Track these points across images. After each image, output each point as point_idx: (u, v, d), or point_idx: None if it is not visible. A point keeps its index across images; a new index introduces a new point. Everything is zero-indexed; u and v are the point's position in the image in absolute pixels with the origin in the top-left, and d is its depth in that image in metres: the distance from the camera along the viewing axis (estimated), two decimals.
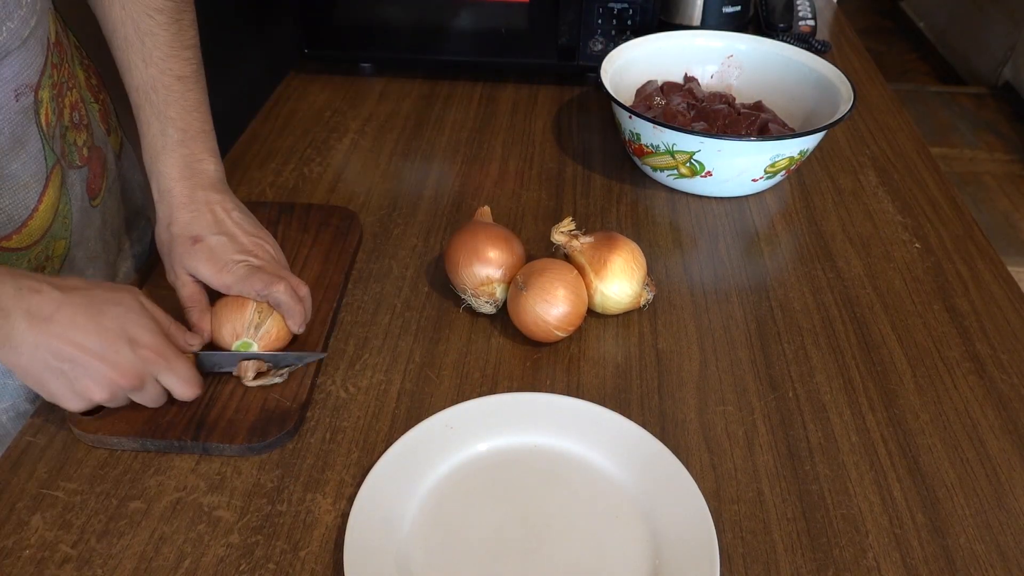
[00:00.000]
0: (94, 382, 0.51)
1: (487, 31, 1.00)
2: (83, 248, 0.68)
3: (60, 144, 0.64)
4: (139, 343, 0.53)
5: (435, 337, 0.66)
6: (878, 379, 0.63)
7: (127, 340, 0.52)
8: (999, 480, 0.55)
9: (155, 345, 0.53)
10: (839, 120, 0.77)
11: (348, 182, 0.85)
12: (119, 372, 0.52)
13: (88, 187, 0.68)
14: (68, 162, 0.65)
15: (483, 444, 0.56)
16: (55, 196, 0.63)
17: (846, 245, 0.77)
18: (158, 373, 0.54)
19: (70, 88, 0.66)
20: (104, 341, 0.51)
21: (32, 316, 0.49)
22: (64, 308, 0.50)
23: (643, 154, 0.82)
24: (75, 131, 0.66)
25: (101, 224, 0.72)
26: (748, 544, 0.51)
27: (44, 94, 0.60)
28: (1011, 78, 2.52)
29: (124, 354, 0.52)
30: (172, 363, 0.54)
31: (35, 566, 0.49)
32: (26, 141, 0.59)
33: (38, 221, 0.62)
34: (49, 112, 0.61)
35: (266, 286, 0.60)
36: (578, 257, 0.66)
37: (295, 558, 0.50)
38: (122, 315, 0.52)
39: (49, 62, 0.61)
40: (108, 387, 0.52)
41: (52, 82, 0.62)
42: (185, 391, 0.56)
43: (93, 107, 0.70)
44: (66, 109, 0.64)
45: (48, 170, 0.62)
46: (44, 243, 0.63)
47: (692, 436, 0.58)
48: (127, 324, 0.52)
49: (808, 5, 1.18)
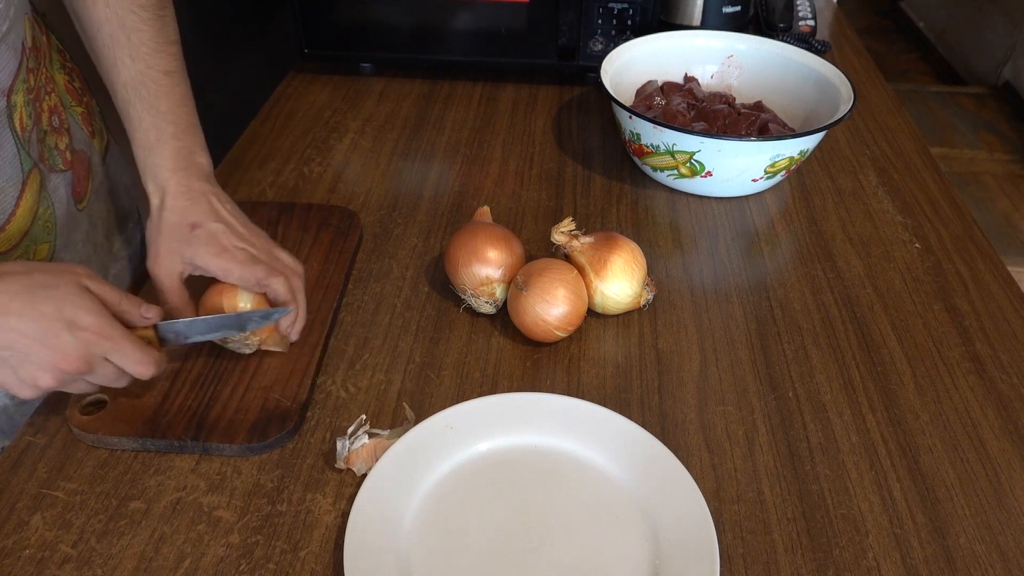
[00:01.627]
0: (37, 367, 0.50)
1: (487, 31, 1.00)
2: (70, 251, 0.68)
3: (38, 148, 0.63)
4: (78, 324, 0.50)
5: (435, 337, 0.66)
6: (878, 379, 0.63)
7: (65, 322, 0.50)
8: (999, 480, 0.55)
9: (96, 325, 0.51)
10: (839, 120, 0.77)
11: (348, 182, 0.85)
12: (60, 356, 0.49)
13: (73, 190, 0.68)
14: (49, 166, 0.65)
15: (483, 444, 0.56)
16: (33, 200, 0.63)
17: (846, 245, 0.77)
18: (104, 353, 0.52)
19: (48, 92, 0.66)
20: (40, 325, 0.49)
21: None
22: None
23: (643, 154, 0.82)
24: (55, 135, 0.66)
25: (89, 227, 0.72)
26: (748, 544, 0.51)
27: (18, 98, 0.60)
28: (1011, 78, 2.52)
29: (63, 338, 0.49)
30: (118, 342, 0.52)
31: (35, 566, 0.49)
32: (0, 145, 0.59)
33: (16, 225, 0.61)
34: (24, 116, 0.61)
35: (267, 275, 0.60)
36: (578, 257, 0.66)
37: (295, 558, 0.50)
38: (59, 297, 0.50)
39: (24, 66, 0.61)
40: (52, 372, 0.50)
41: (27, 87, 0.62)
42: (136, 369, 0.53)
43: (75, 111, 0.70)
44: (44, 113, 0.64)
45: (24, 174, 0.62)
46: (24, 247, 0.63)
47: (692, 436, 0.58)
48: (64, 306, 0.50)
49: (808, 5, 1.18)
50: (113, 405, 0.58)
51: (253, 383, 0.60)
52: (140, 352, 0.53)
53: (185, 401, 0.58)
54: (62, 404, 0.59)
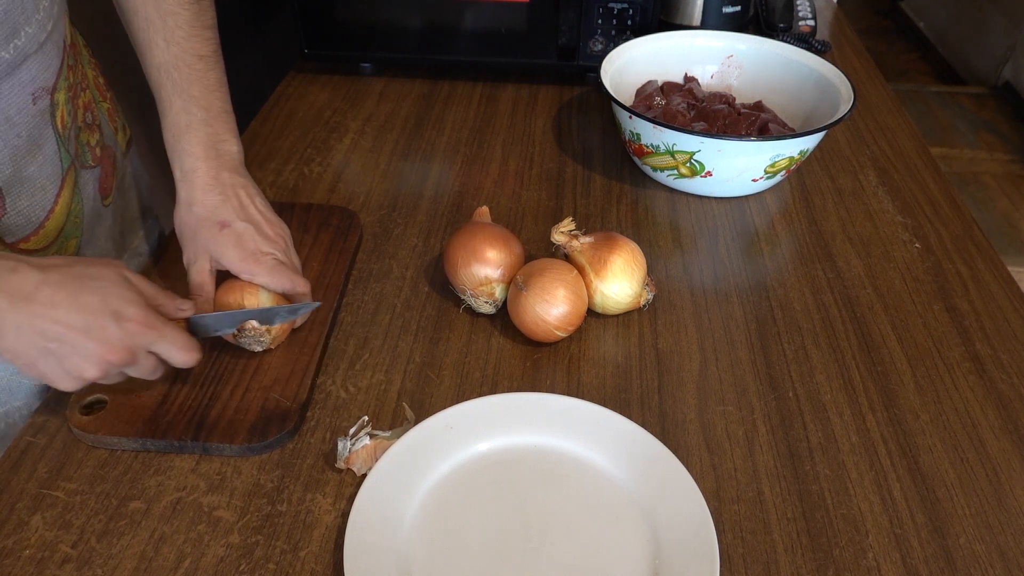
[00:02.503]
0: (83, 359, 0.50)
1: (487, 31, 1.00)
2: (92, 247, 0.69)
3: (74, 145, 0.64)
4: (124, 316, 0.51)
5: (435, 337, 0.66)
6: (878, 379, 0.63)
7: (111, 314, 0.50)
8: (999, 480, 0.55)
9: (141, 316, 0.51)
10: (839, 120, 0.77)
11: (348, 182, 0.85)
12: (107, 347, 0.50)
13: (100, 186, 0.69)
14: (81, 162, 0.65)
15: (483, 444, 0.56)
16: (69, 197, 0.63)
17: (846, 245, 0.77)
18: (149, 344, 0.52)
19: (83, 89, 0.66)
20: (88, 317, 0.49)
21: (11, 296, 0.48)
22: (44, 287, 0.48)
23: (643, 154, 0.82)
24: (88, 131, 0.66)
25: (112, 223, 0.72)
26: (748, 544, 0.51)
27: (60, 96, 0.61)
28: (1011, 78, 2.52)
29: (110, 328, 0.50)
30: (162, 331, 0.52)
31: (35, 566, 0.49)
32: (43, 144, 0.60)
33: (54, 222, 0.62)
34: (65, 114, 0.62)
35: (294, 285, 0.61)
36: (578, 257, 0.66)
37: (295, 558, 0.50)
38: (104, 289, 0.51)
39: (65, 64, 0.62)
40: (98, 364, 0.50)
41: (68, 84, 0.62)
42: (181, 357, 0.54)
43: (102, 106, 0.70)
44: (80, 110, 0.65)
45: (63, 172, 0.62)
46: (58, 243, 0.63)
47: (692, 436, 0.58)
48: (110, 298, 0.50)
49: (808, 5, 1.18)
50: (113, 405, 0.58)
51: (253, 383, 0.60)
52: (184, 339, 0.54)
53: (185, 401, 0.58)
54: (62, 404, 0.59)
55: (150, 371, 0.54)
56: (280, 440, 0.56)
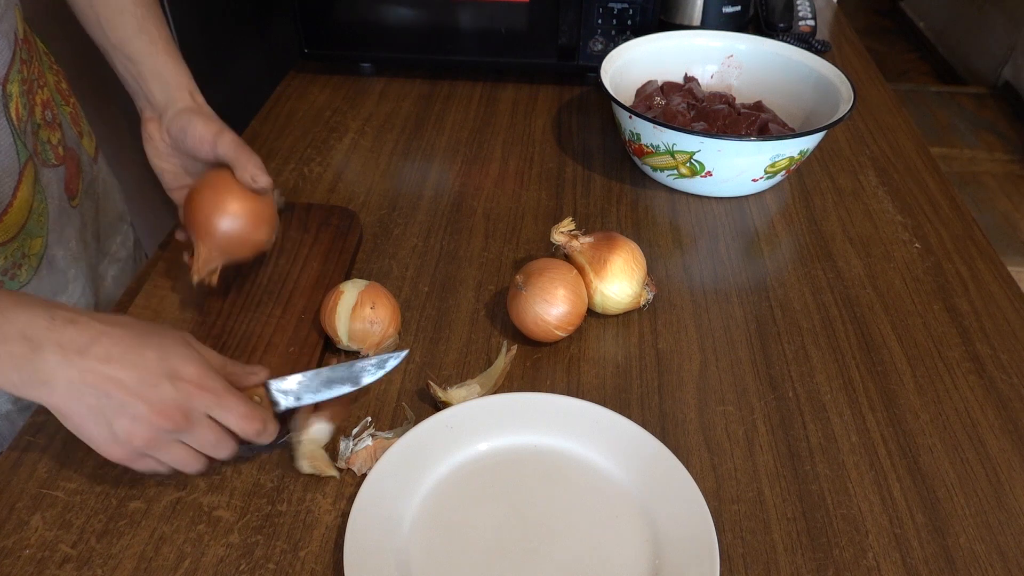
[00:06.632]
0: (131, 421, 0.46)
1: (487, 31, 1.00)
2: (63, 247, 0.69)
3: (33, 140, 0.64)
4: (180, 376, 0.47)
5: (435, 337, 0.66)
6: (878, 379, 0.63)
7: (166, 373, 0.46)
8: (999, 480, 0.55)
9: (198, 376, 0.48)
10: (839, 120, 0.77)
11: (348, 182, 0.85)
12: (158, 409, 0.46)
13: (66, 187, 0.69)
14: (43, 160, 0.65)
15: (483, 444, 0.56)
16: (29, 193, 0.63)
17: (846, 245, 0.77)
18: (207, 408, 0.48)
19: (40, 86, 0.66)
20: (142, 374, 0.46)
21: (65, 349, 0.44)
22: (101, 340, 0.45)
23: (643, 154, 0.82)
24: (48, 129, 0.66)
25: (81, 225, 0.72)
26: (748, 544, 0.51)
27: (13, 88, 0.61)
28: (1011, 78, 2.52)
29: (163, 388, 0.46)
30: (221, 396, 0.48)
31: (35, 566, 0.49)
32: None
33: (13, 216, 0.62)
34: (20, 107, 0.61)
35: None
36: (578, 257, 0.66)
37: (295, 558, 0.50)
38: (164, 346, 0.47)
39: (18, 57, 0.62)
40: (147, 427, 0.46)
41: (22, 77, 0.62)
42: (243, 425, 0.49)
43: (64, 109, 0.71)
44: (37, 107, 0.65)
45: (21, 165, 0.62)
46: (20, 240, 0.63)
47: (692, 436, 0.58)
48: (168, 356, 0.47)
49: (808, 5, 1.18)
50: None
51: None
52: (245, 406, 0.49)
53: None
54: None
55: (212, 443, 0.49)
56: (281, 440, 0.56)
